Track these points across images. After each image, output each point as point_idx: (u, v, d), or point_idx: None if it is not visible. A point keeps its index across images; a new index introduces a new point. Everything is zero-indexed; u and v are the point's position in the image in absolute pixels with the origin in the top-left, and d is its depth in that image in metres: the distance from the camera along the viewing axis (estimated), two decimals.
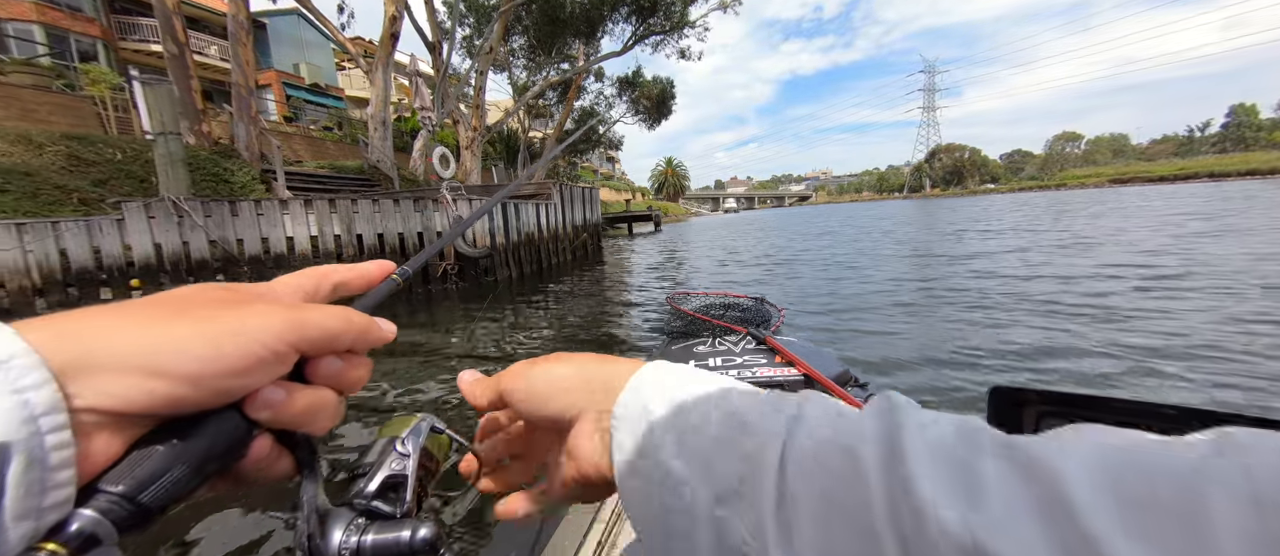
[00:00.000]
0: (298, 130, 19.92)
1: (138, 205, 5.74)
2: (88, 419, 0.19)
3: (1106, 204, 24.38)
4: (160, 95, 6.09)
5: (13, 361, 0.17)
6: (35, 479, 0.17)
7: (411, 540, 0.26)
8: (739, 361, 1.57)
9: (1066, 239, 10.11)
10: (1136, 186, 68.01)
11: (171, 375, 0.20)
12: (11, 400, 0.17)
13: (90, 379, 0.19)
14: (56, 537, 0.18)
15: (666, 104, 28.24)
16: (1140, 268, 6.33)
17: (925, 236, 14.12)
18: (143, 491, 0.20)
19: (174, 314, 0.22)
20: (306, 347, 0.25)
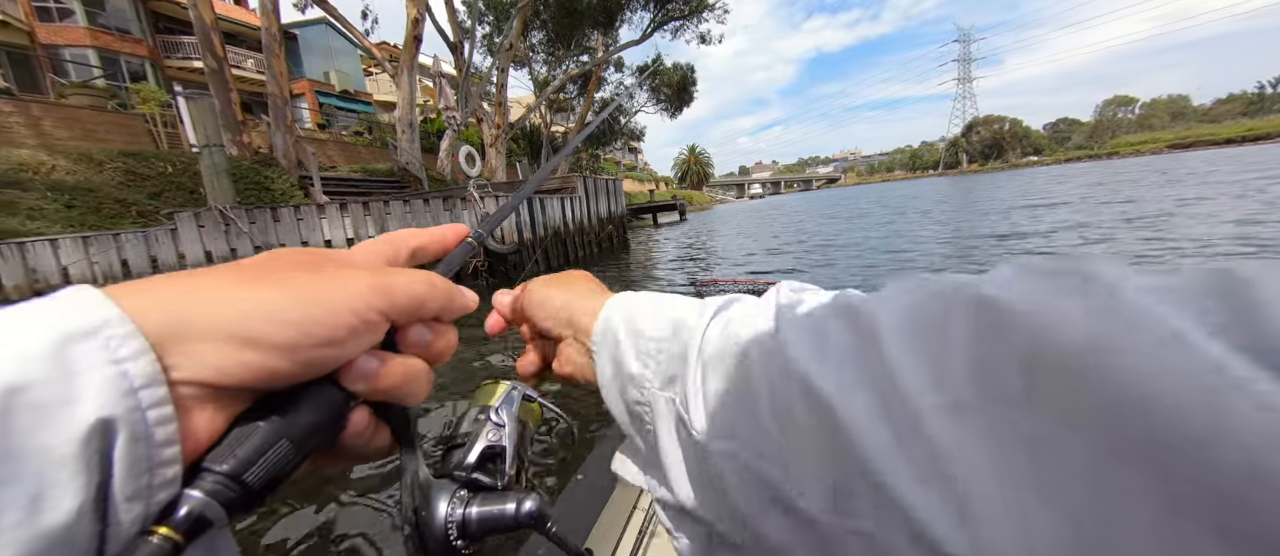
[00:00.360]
0: (330, 136, 20.62)
1: (188, 215, 6.09)
2: (187, 392, 0.18)
3: (1167, 172, 22.66)
4: (202, 109, 6.42)
5: (107, 329, 0.16)
6: (141, 456, 0.16)
7: (516, 512, 0.26)
8: None
9: (1130, 211, 9.30)
10: (1199, 150, 63.00)
11: (265, 345, 0.19)
12: (110, 371, 0.16)
13: (187, 348, 0.18)
14: (167, 521, 0.17)
15: (687, 90, 27.87)
16: (1237, 237, 5.65)
17: (966, 217, 13.48)
18: (248, 470, 0.19)
19: (263, 279, 0.21)
20: (395, 315, 0.24)
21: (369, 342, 0.23)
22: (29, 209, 6.55)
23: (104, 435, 0.15)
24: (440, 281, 0.27)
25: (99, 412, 0.15)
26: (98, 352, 0.16)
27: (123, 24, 20.22)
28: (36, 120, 10.79)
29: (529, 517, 0.27)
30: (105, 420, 0.15)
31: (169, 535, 0.17)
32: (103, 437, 0.15)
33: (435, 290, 0.26)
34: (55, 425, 0.15)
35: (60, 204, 7.00)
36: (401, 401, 0.25)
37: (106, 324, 0.16)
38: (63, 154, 8.22)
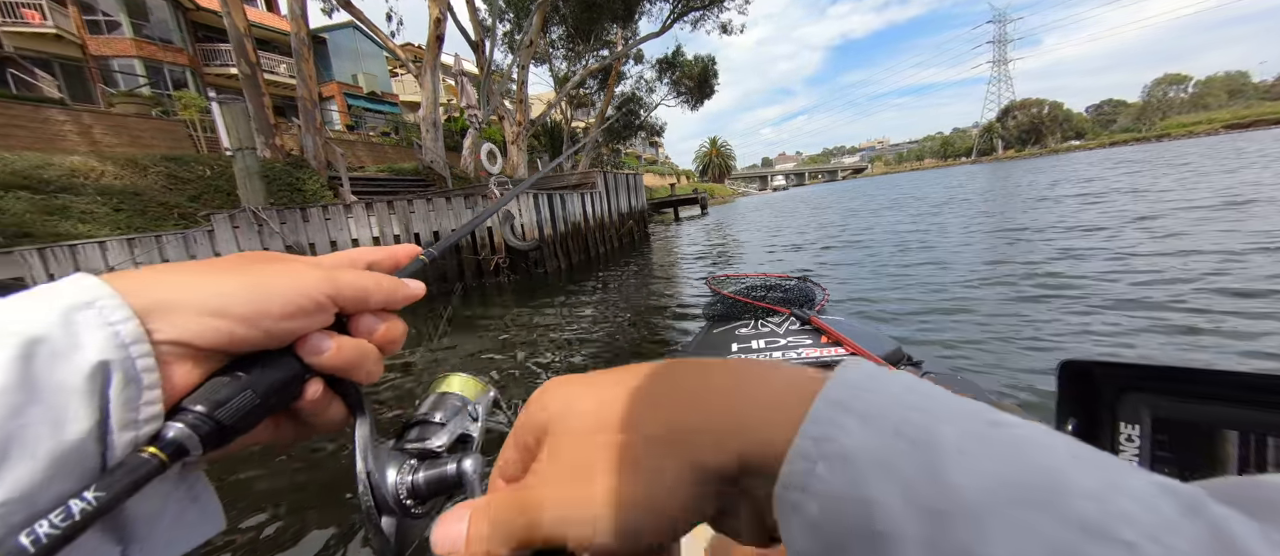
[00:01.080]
0: (359, 138, 21.17)
1: (224, 217, 6.34)
2: (167, 350, 0.23)
3: (1224, 154, 21.13)
4: (235, 113, 6.65)
5: (99, 301, 0.22)
6: (131, 395, 0.22)
7: (457, 471, 0.29)
8: (783, 342, 1.53)
9: (1200, 198, 8.13)
10: (1260, 130, 58.67)
11: (231, 315, 0.24)
12: (105, 330, 0.21)
13: (166, 317, 0.23)
14: (154, 444, 0.22)
15: (708, 83, 27.48)
16: None
17: (1008, 208, 12.87)
18: (218, 410, 0.24)
19: (231, 268, 0.26)
20: (341, 301, 0.28)
21: (319, 323, 0.28)
22: (81, 212, 6.94)
23: (103, 375, 0.21)
24: (385, 278, 0.31)
25: (98, 357, 0.21)
26: (95, 316, 0.21)
27: (165, 34, 21.17)
28: (88, 128, 11.41)
29: (468, 474, 0.30)
30: (103, 362, 0.21)
31: (154, 453, 0.21)
32: (102, 377, 0.21)
33: (379, 284, 0.30)
34: (66, 365, 0.20)
35: (109, 207, 7.39)
36: (352, 377, 0.29)
37: (101, 297, 0.22)
38: (111, 160, 8.66)
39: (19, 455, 0.19)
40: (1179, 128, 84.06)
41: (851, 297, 5.13)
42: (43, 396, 0.20)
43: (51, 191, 6.93)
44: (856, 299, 5.08)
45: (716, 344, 1.65)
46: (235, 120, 6.55)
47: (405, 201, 7.05)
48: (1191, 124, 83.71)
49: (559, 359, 4.36)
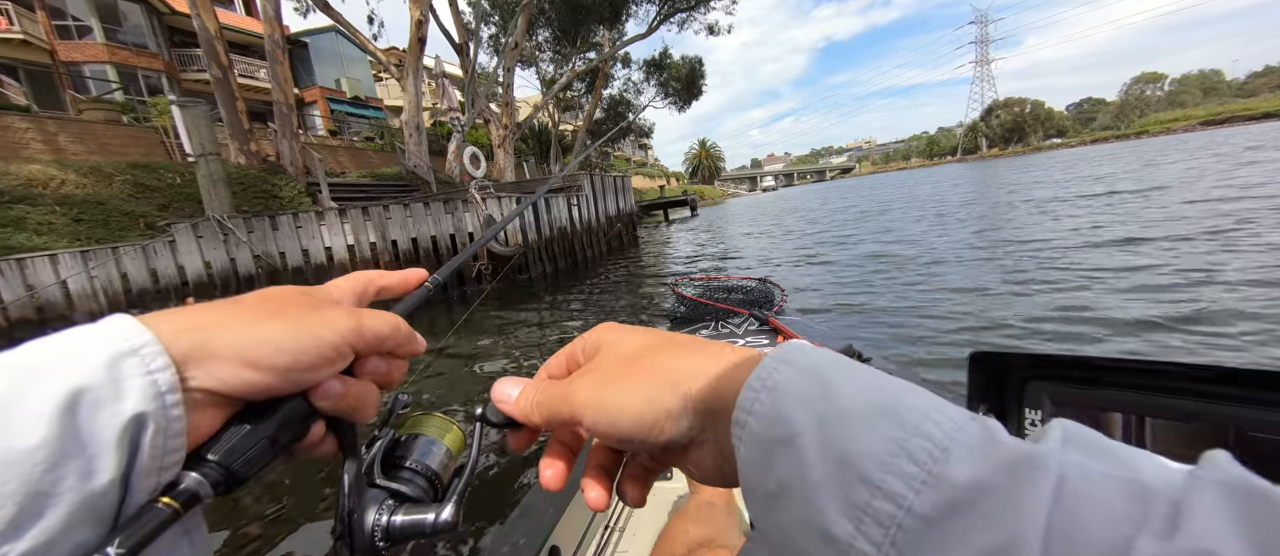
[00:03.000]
0: (341, 143, 20.75)
1: (186, 226, 6.02)
2: (197, 397, 0.24)
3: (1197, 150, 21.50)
4: (197, 117, 6.32)
5: (144, 348, 0.22)
6: (160, 444, 0.22)
7: (434, 522, 0.30)
8: (742, 343, 1.59)
9: (1199, 193, 8.14)
10: (1234, 127, 60.06)
11: (263, 367, 0.25)
12: (145, 379, 0.21)
13: (202, 365, 0.23)
14: (170, 493, 0.22)
15: (696, 83, 27.40)
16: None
17: (995, 213, 12.89)
18: (234, 460, 0.24)
19: (268, 315, 0.26)
20: (362, 348, 0.29)
21: (338, 369, 0.28)
22: (37, 224, 6.58)
23: (138, 426, 0.21)
24: (403, 325, 0.32)
25: (137, 409, 0.21)
26: (138, 366, 0.21)
27: (139, 39, 20.62)
28: (52, 136, 10.95)
29: (445, 525, 0.30)
30: (140, 415, 0.21)
31: (170, 503, 0.22)
32: (137, 427, 0.21)
33: (397, 332, 0.31)
34: (106, 416, 0.20)
35: (68, 218, 7.02)
36: (353, 418, 0.30)
37: (145, 345, 0.22)
38: (73, 168, 8.27)
39: (50, 508, 0.19)
40: (1157, 125, 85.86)
41: (809, 298, 5.14)
42: (82, 449, 0.20)
43: (5, 202, 6.57)
44: (811, 295, 5.15)
45: None
46: (196, 124, 6.21)
47: (381, 207, 6.77)
48: (1169, 121, 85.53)
49: (537, 368, 4.15)
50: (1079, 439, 0.18)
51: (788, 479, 0.19)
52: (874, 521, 0.17)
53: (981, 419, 0.19)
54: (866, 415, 0.19)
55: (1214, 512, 0.14)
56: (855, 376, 0.21)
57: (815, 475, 0.19)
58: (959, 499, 0.16)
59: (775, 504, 0.20)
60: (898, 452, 0.18)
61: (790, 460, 0.19)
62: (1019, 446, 0.17)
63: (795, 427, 0.20)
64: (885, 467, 0.17)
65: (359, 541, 0.29)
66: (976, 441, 0.17)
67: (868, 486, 0.17)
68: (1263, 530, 0.13)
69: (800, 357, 0.22)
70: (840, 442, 0.19)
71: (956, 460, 0.17)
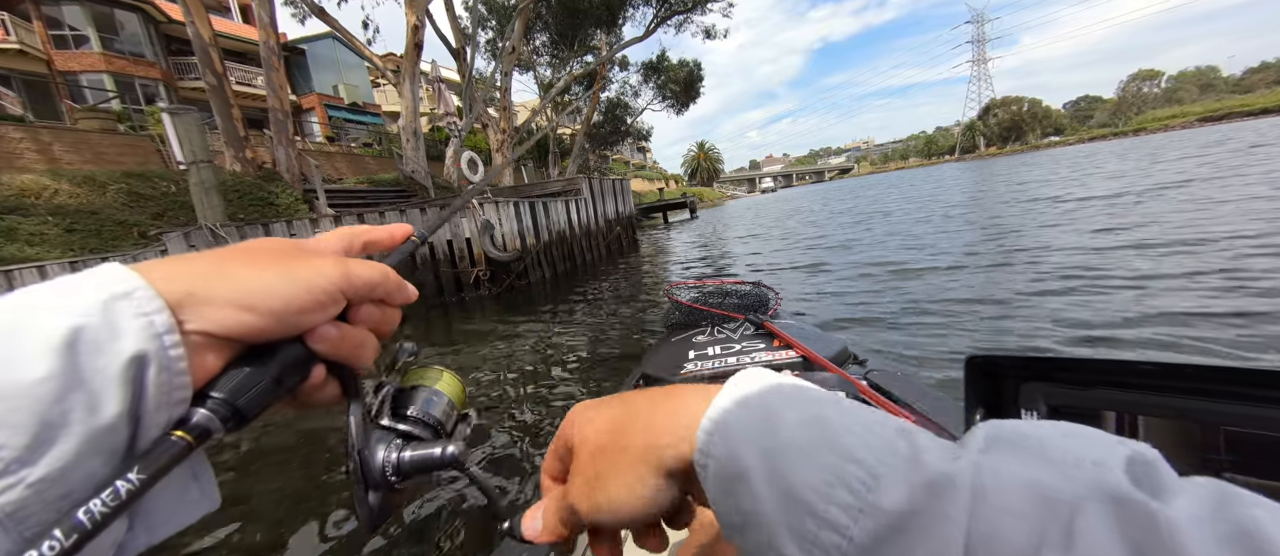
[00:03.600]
0: (339, 149, 20.70)
1: (178, 235, 5.90)
2: (195, 340, 0.25)
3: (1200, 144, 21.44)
4: (188, 124, 6.21)
5: (136, 292, 0.23)
6: (164, 381, 0.23)
7: (441, 455, 0.32)
8: (738, 348, 1.55)
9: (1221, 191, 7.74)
10: (1232, 123, 60.09)
11: (258, 310, 0.26)
12: (141, 320, 0.22)
13: (196, 309, 0.24)
14: (182, 427, 0.24)
15: (694, 86, 27.37)
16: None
17: (1000, 213, 12.82)
18: (239, 397, 0.26)
19: (258, 262, 0.28)
20: (353, 294, 0.30)
21: (331, 314, 0.29)
22: (29, 234, 6.48)
23: (140, 364, 0.22)
24: (392, 273, 0.33)
25: (135, 348, 0.22)
26: (132, 308, 0.22)
27: (136, 48, 20.62)
28: (47, 145, 10.88)
29: (451, 459, 0.32)
30: (140, 353, 0.22)
31: (183, 436, 0.23)
32: (139, 365, 0.22)
33: (387, 279, 0.32)
34: (107, 354, 0.21)
35: (61, 228, 6.93)
36: (351, 363, 0.31)
37: (137, 288, 0.23)
38: (67, 178, 8.19)
39: (61, 437, 0.20)
40: (1155, 122, 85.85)
41: (809, 303, 5.06)
42: (84, 384, 0.21)
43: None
44: (811, 299, 5.07)
45: (674, 352, 1.65)
46: (188, 131, 6.11)
47: (377, 213, 6.66)
48: (1166, 118, 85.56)
49: (541, 374, 4.08)
50: (1002, 439, 0.20)
51: (747, 511, 0.21)
52: (822, 551, 0.19)
53: (908, 432, 0.20)
54: (806, 447, 0.21)
55: (1101, 530, 0.15)
56: (796, 402, 0.22)
57: (767, 508, 0.20)
58: (892, 525, 0.18)
59: (742, 534, 0.22)
60: (835, 482, 0.19)
61: (746, 495, 0.21)
62: (938, 464, 0.19)
63: (745, 464, 0.21)
64: (826, 498, 0.19)
65: (371, 478, 0.30)
66: (903, 463, 0.19)
67: (814, 518, 0.19)
68: (1142, 542, 0.15)
69: (750, 391, 0.24)
70: (785, 476, 0.20)
71: (886, 486, 0.18)
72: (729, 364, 1.43)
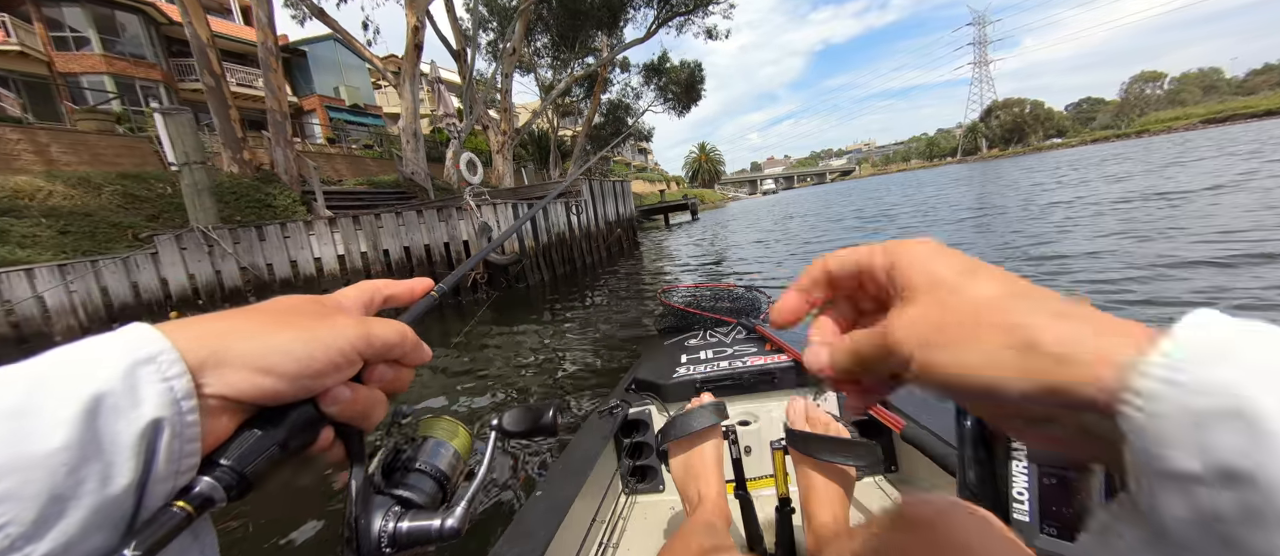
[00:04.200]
0: (339, 151, 20.66)
1: (169, 238, 5.81)
2: (212, 403, 0.24)
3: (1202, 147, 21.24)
4: (180, 124, 6.11)
5: (161, 356, 0.22)
6: (176, 449, 0.23)
7: (440, 529, 0.31)
8: (730, 352, 1.55)
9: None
10: (1236, 125, 59.78)
11: (276, 373, 0.25)
12: (162, 386, 0.22)
13: (216, 372, 0.24)
14: (185, 497, 0.23)
15: (695, 88, 27.27)
16: None
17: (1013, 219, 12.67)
18: (246, 465, 0.25)
19: (279, 323, 0.27)
20: (370, 355, 0.30)
21: (348, 375, 0.29)
22: (21, 236, 6.40)
23: (155, 431, 0.22)
24: (410, 333, 0.32)
25: (154, 414, 0.22)
26: (154, 372, 0.22)
27: (137, 49, 20.64)
28: (44, 147, 10.82)
29: (451, 533, 0.31)
30: (157, 420, 0.22)
31: (184, 507, 0.22)
32: (154, 433, 0.22)
33: (405, 340, 0.32)
34: (125, 422, 0.21)
35: (54, 230, 6.85)
36: (360, 425, 0.31)
37: (161, 352, 0.23)
38: (62, 179, 8.12)
39: (70, 510, 0.19)
40: (1158, 124, 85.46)
41: None
42: (101, 453, 0.20)
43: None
44: None
45: (667, 357, 1.64)
46: (181, 132, 6.01)
47: (373, 216, 6.58)
48: (1170, 119, 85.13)
49: (534, 381, 3.98)
50: None
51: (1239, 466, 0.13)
52: None
53: None
54: None
55: None
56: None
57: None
58: None
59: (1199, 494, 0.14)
60: None
61: (1242, 437, 0.14)
62: None
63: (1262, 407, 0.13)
64: None
65: (365, 547, 0.29)
66: None
67: None
68: None
69: (1257, 325, 0.16)
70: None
71: None
72: (721, 368, 1.40)
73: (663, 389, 1.39)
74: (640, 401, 1.41)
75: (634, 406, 1.39)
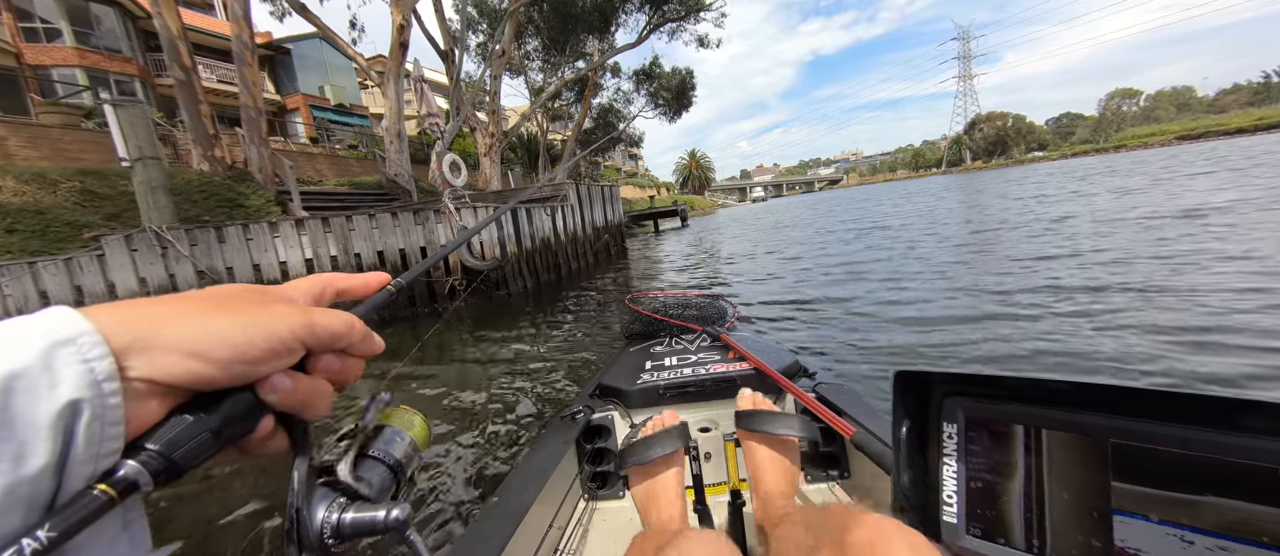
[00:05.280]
0: (322, 150, 20.20)
1: (117, 238, 5.38)
2: (138, 387, 0.24)
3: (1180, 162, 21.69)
4: (133, 117, 5.71)
5: (81, 337, 0.22)
6: (96, 431, 0.22)
7: (385, 520, 0.30)
8: (694, 359, 1.59)
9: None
10: (1208, 142, 61.63)
11: (208, 358, 0.25)
12: (82, 367, 0.22)
13: (143, 355, 0.24)
14: (107, 480, 0.22)
15: (687, 94, 27.24)
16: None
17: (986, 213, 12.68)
18: (175, 450, 0.24)
19: (214, 308, 0.27)
20: (314, 344, 0.29)
21: (286, 364, 0.28)
22: None
23: (73, 412, 0.21)
24: (358, 324, 0.32)
25: (71, 395, 0.21)
26: (73, 354, 0.22)
27: (113, 43, 20.04)
28: (1, 140, 10.29)
29: (396, 523, 0.30)
30: (75, 401, 0.21)
31: (106, 490, 0.22)
32: (71, 414, 0.21)
33: (352, 330, 0.31)
34: (40, 402, 0.20)
35: (1, 229, 6.40)
36: (304, 415, 0.30)
37: (82, 334, 0.22)
38: (13, 174, 7.65)
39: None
40: (1134, 139, 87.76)
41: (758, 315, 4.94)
42: (13, 433, 0.20)
43: None
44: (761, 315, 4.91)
45: (632, 363, 1.67)
46: (134, 125, 5.62)
47: (344, 218, 6.24)
48: (1146, 135, 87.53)
49: (516, 393, 3.71)
50: None
51: None
52: None
53: None
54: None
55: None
56: None
57: None
58: None
59: None
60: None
61: None
62: None
63: None
64: None
65: (306, 539, 0.28)
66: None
67: None
68: None
69: None
70: None
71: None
72: (684, 374, 1.43)
73: (626, 395, 1.41)
74: (603, 407, 1.42)
75: (597, 412, 1.40)
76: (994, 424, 0.51)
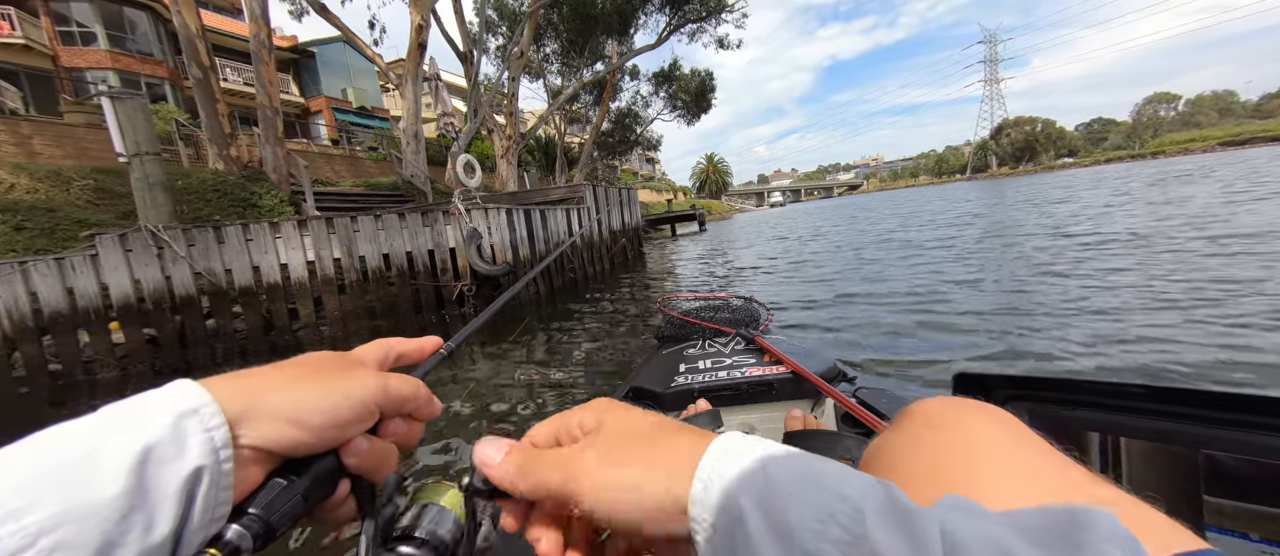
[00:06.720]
0: (341, 152, 20.35)
1: (112, 238, 5.13)
2: (245, 453, 0.26)
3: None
4: (132, 111, 5.48)
5: (203, 408, 0.24)
6: (211, 497, 0.24)
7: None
8: (728, 362, 1.55)
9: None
10: (1256, 148, 58.54)
11: (303, 425, 0.27)
12: (204, 436, 0.24)
13: (251, 423, 0.26)
14: (216, 545, 0.24)
15: (706, 96, 26.81)
16: None
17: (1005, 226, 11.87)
18: (272, 514, 0.26)
19: (307, 377, 0.29)
20: (388, 408, 0.32)
21: (367, 427, 0.31)
22: None
23: (195, 479, 0.23)
24: (423, 388, 0.35)
25: (196, 463, 0.23)
26: (198, 423, 0.24)
27: (145, 47, 20.57)
28: (26, 138, 10.39)
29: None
30: (198, 468, 0.23)
31: (215, 554, 0.24)
32: (194, 481, 0.23)
33: (418, 394, 0.34)
34: (171, 470, 0.22)
35: (9, 226, 6.28)
36: (371, 477, 0.32)
37: (204, 405, 0.25)
38: (29, 172, 7.60)
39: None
40: (1174, 145, 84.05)
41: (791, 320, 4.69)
42: (147, 501, 0.21)
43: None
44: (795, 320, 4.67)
45: (665, 365, 1.64)
46: (132, 120, 5.40)
47: (349, 219, 5.92)
48: (1186, 141, 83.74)
49: (525, 406, 3.35)
50: (958, 502, 0.21)
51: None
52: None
53: (883, 482, 0.21)
54: (794, 483, 0.21)
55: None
56: (780, 456, 0.23)
57: (765, 551, 0.20)
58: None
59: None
60: (826, 517, 0.19)
61: (742, 540, 0.21)
62: (914, 507, 0.20)
63: (741, 509, 0.21)
64: (819, 535, 0.19)
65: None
66: (883, 502, 0.19)
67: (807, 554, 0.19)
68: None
69: (732, 445, 0.24)
70: (781, 516, 0.20)
71: (871, 523, 0.19)
72: (720, 378, 1.40)
73: (661, 397, 1.38)
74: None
75: None
76: (1064, 430, 0.47)
